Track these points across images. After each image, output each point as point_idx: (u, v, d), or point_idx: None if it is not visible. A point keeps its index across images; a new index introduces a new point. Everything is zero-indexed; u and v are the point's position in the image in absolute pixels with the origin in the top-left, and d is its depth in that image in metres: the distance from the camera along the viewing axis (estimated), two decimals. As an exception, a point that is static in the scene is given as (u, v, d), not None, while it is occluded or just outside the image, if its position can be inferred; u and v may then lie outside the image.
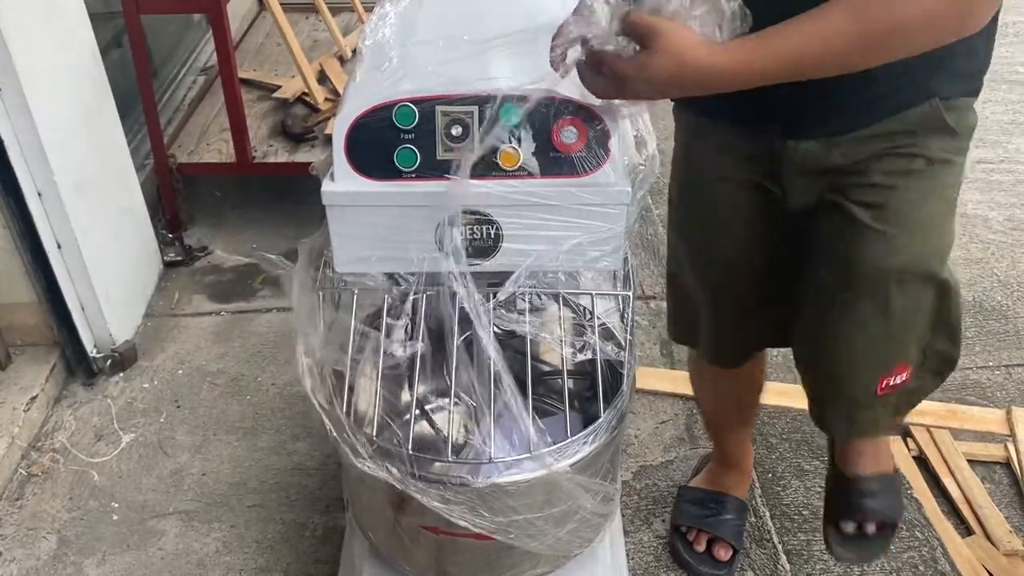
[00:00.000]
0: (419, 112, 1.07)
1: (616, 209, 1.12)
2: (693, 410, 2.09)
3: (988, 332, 2.47)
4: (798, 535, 1.86)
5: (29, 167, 1.90)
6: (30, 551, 1.76)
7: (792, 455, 2.04)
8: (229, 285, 2.53)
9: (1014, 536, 1.92)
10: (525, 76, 1.06)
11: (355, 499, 1.35)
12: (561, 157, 1.09)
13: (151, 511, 1.84)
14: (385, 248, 1.16)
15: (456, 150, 1.09)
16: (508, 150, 1.08)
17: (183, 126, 2.81)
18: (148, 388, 2.15)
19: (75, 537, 1.78)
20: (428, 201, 1.11)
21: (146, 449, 1.99)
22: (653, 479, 1.91)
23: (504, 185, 1.10)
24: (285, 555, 1.74)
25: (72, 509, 1.84)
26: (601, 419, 1.16)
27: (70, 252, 2.03)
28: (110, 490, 1.89)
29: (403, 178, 1.10)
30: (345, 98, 1.12)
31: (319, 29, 3.31)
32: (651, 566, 1.73)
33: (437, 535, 1.22)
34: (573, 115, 1.07)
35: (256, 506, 1.84)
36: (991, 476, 2.08)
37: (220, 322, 2.38)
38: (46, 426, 2.04)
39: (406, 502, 1.20)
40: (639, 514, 1.83)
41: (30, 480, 1.91)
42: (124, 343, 2.21)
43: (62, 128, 1.97)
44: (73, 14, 2.08)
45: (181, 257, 2.59)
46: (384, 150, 1.09)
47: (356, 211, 1.14)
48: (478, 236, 1.14)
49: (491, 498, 1.14)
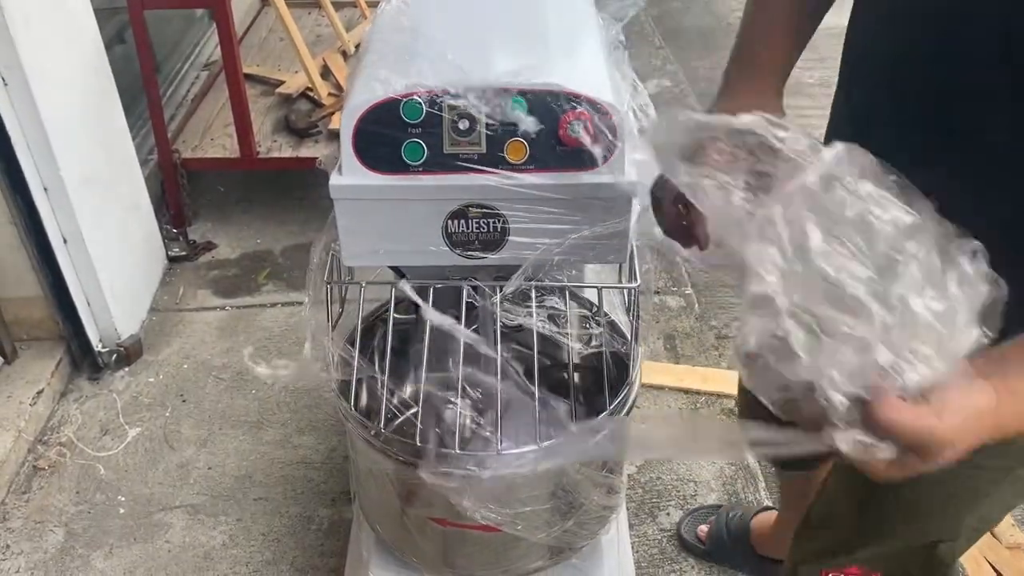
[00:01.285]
0: (426, 106, 1.07)
1: (623, 203, 1.12)
2: (697, 404, 2.10)
3: (991, 326, 2.48)
4: (802, 528, 1.87)
5: (35, 162, 1.90)
6: (38, 544, 1.77)
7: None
8: (234, 280, 2.53)
9: (1016, 529, 1.92)
10: (532, 70, 1.06)
11: (362, 492, 1.36)
12: (568, 151, 1.09)
13: (157, 504, 1.85)
14: (392, 241, 1.16)
15: (463, 144, 1.09)
16: (515, 143, 1.09)
17: (187, 121, 2.81)
18: (153, 382, 2.16)
19: (82, 530, 1.79)
20: (435, 195, 1.11)
21: (152, 443, 1.99)
22: (658, 472, 1.91)
23: (511, 179, 1.10)
24: (291, 548, 1.75)
25: (79, 502, 1.85)
26: (608, 411, 1.17)
27: (76, 247, 2.04)
28: (116, 484, 1.89)
29: (410, 172, 1.10)
30: (351, 92, 1.12)
31: (322, 24, 3.31)
32: (656, 559, 1.73)
33: (444, 527, 1.22)
34: (580, 109, 1.07)
35: (262, 499, 1.85)
36: (994, 470, 2.08)
37: (225, 317, 2.39)
38: (52, 420, 2.05)
39: (413, 494, 1.21)
40: (643, 507, 1.83)
41: (37, 474, 1.92)
42: (129, 337, 2.21)
43: (68, 123, 1.98)
44: (78, 9, 2.08)
45: (185, 252, 2.60)
46: (391, 144, 1.09)
47: (363, 204, 1.14)
48: (485, 229, 1.15)
49: (498, 490, 1.14)
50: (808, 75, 4.14)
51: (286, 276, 2.54)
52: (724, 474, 1.91)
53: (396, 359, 1.26)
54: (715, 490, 1.87)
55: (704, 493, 1.86)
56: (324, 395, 2.06)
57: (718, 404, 2.10)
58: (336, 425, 2.01)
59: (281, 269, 2.57)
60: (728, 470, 1.92)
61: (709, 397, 2.11)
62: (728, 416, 2.06)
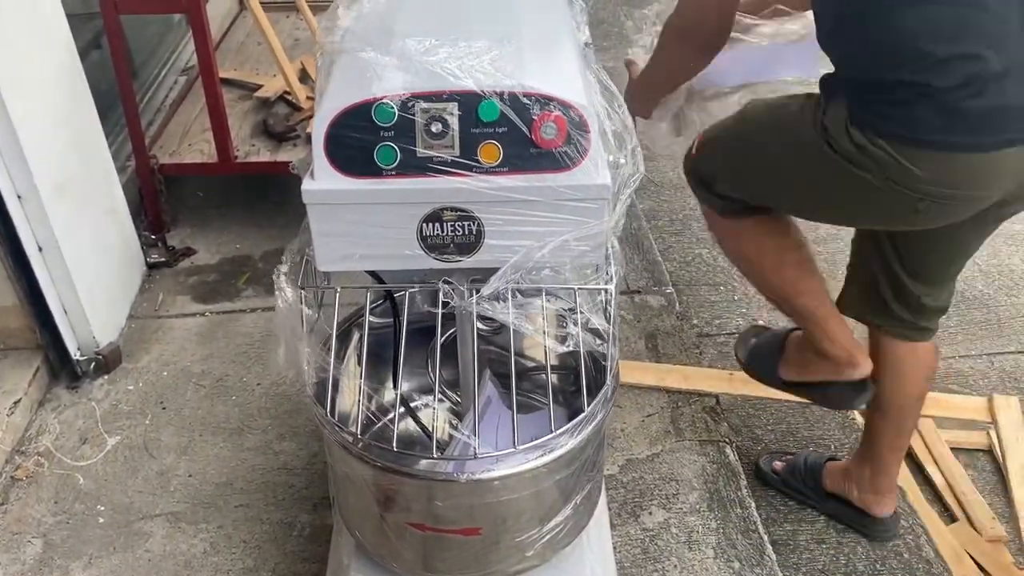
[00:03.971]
0: (398, 110, 1.07)
1: (597, 204, 1.12)
2: (678, 403, 2.10)
3: (970, 322, 2.49)
4: (784, 525, 1.88)
5: (8, 170, 1.88)
6: (15, 556, 1.75)
7: (777, 446, 2.06)
8: (213, 285, 2.52)
9: (997, 522, 1.94)
10: (505, 72, 1.06)
11: (341, 498, 1.35)
12: (541, 152, 1.09)
13: (137, 513, 1.83)
14: (367, 245, 1.16)
15: (436, 147, 1.09)
16: (488, 146, 1.08)
17: (164, 127, 2.79)
18: (133, 390, 2.15)
19: (61, 541, 1.78)
20: (409, 198, 1.11)
21: (131, 451, 1.98)
22: (640, 472, 1.92)
23: (485, 181, 1.10)
24: (273, 555, 1.74)
25: (57, 513, 1.83)
26: (585, 412, 1.17)
27: (51, 255, 2.02)
28: (96, 493, 1.88)
29: (384, 175, 1.10)
30: (322, 96, 1.12)
31: (300, 28, 3.30)
32: (638, 559, 1.73)
33: (423, 532, 1.22)
34: (553, 111, 1.07)
35: (243, 506, 1.84)
36: (974, 463, 2.10)
37: (205, 323, 2.37)
38: (30, 430, 2.03)
39: (392, 500, 1.20)
40: (626, 507, 1.84)
41: (14, 484, 1.90)
42: (108, 345, 2.20)
43: (41, 130, 1.96)
44: (50, 14, 2.07)
45: (164, 258, 2.58)
46: (364, 148, 1.09)
47: (337, 209, 1.13)
48: (460, 232, 1.14)
49: (477, 493, 1.14)
50: (787, 73, 4.16)
51: (266, 281, 2.52)
52: (706, 472, 1.92)
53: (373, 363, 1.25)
54: (697, 488, 1.88)
55: (686, 492, 1.87)
56: (304, 400, 2.05)
57: (699, 403, 2.10)
58: (317, 430, 2.00)
59: (261, 274, 2.55)
60: (710, 468, 1.92)
61: (690, 396, 2.12)
62: (710, 415, 2.07)
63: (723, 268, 2.62)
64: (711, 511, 1.83)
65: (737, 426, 2.10)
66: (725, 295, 2.53)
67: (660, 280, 2.53)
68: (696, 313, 2.45)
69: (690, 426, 2.04)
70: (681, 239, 2.76)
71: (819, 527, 1.87)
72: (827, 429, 2.10)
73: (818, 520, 1.89)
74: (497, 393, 1.40)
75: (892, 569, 1.79)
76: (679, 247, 2.73)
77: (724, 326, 2.42)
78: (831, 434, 2.09)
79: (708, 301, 2.50)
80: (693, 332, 2.37)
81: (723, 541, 1.77)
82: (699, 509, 1.83)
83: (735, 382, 2.15)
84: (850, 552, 1.82)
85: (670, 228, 2.81)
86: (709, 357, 2.30)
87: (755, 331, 1.88)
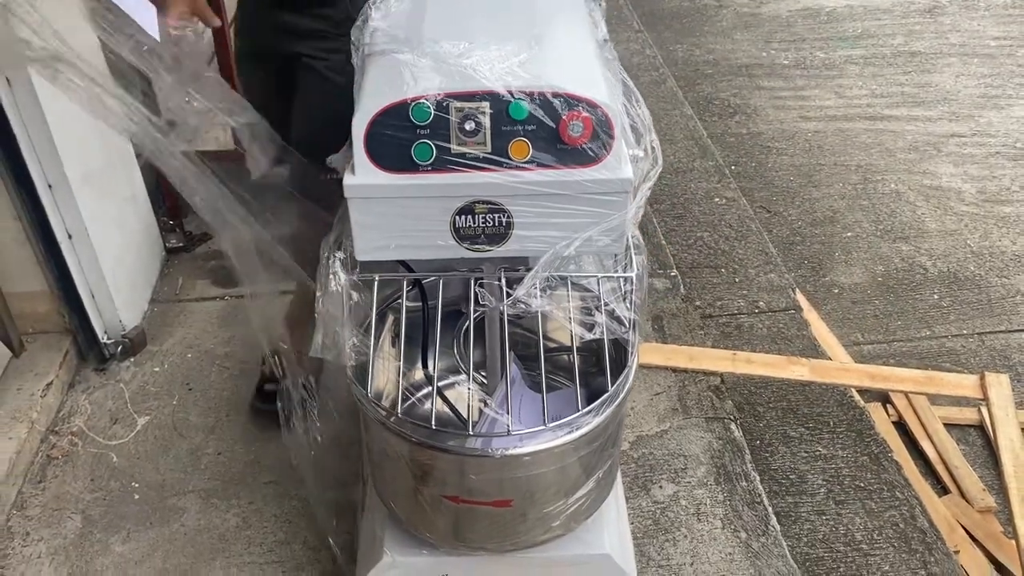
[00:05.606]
0: (434, 109, 1.14)
1: (620, 196, 1.20)
2: (685, 382, 2.19)
3: (962, 302, 2.58)
4: (786, 498, 1.97)
5: (40, 160, 1.95)
6: (56, 530, 1.83)
7: (779, 423, 2.15)
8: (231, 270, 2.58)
9: (987, 494, 2.04)
10: (534, 74, 1.13)
11: (377, 472, 1.43)
12: (568, 149, 1.17)
13: (171, 490, 1.92)
14: (403, 237, 1.23)
15: (469, 144, 1.16)
16: (519, 143, 1.16)
17: (179, 114, 2.84)
18: (159, 372, 2.22)
19: (99, 516, 1.86)
20: (444, 192, 1.18)
21: (161, 431, 2.06)
22: (649, 448, 2.01)
23: (515, 176, 1.17)
24: (303, 528, 1.83)
25: (94, 490, 1.92)
26: (609, 392, 1.25)
27: (80, 241, 2.09)
28: (129, 471, 1.96)
29: (420, 171, 1.17)
30: (361, 96, 1.19)
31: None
32: (650, 529, 1.83)
33: (457, 504, 1.30)
34: (579, 109, 1.15)
35: (272, 483, 1.93)
36: (965, 438, 2.20)
37: (225, 306, 2.44)
38: (62, 411, 2.10)
39: (428, 474, 1.29)
40: (637, 481, 1.93)
41: (51, 463, 1.98)
42: (133, 328, 2.27)
43: (71, 120, 2.02)
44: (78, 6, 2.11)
45: (183, 243, 2.65)
46: (401, 145, 1.16)
47: (375, 203, 1.21)
48: (490, 224, 1.22)
49: (508, 468, 1.23)
50: (784, 56, 4.23)
51: (282, 265, 2.59)
52: (712, 448, 2.01)
53: (408, 345, 1.33)
54: (704, 463, 1.97)
55: (694, 466, 1.96)
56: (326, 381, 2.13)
57: (704, 382, 2.19)
58: (340, 408, 2.07)
59: (277, 258, 2.62)
60: (716, 444, 2.01)
61: (696, 375, 2.21)
62: (715, 393, 2.16)
63: (724, 251, 2.70)
64: (718, 484, 1.92)
65: (740, 404, 2.19)
66: (726, 277, 2.61)
67: (664, 263, 2.61)
68: (699, 295, 2.53)
69: (696, 404, 2.12)
70: (683, 223, 2.84)
71: (819, 500, 1.97)
72: (827, 407, 2.20)
73: (818, 493, 1.98)
74: (520, 374, 1.48)
75: (888, 538, 1.88)
76: (681, 230, 2.81)
77: (726, 308, 2.50)
78: (830, 411, 2.18)
79: (710, 283, 2.59)
80: (697, 314, 2.45)
81: (730, 512, 1.86)
82: (706, 483, 1.92)
83: (738, 362, 2.24)
84: (848, 523, 1.91)
85: (671, 212, 2.89)
86: (713, 337, 2.38)
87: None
